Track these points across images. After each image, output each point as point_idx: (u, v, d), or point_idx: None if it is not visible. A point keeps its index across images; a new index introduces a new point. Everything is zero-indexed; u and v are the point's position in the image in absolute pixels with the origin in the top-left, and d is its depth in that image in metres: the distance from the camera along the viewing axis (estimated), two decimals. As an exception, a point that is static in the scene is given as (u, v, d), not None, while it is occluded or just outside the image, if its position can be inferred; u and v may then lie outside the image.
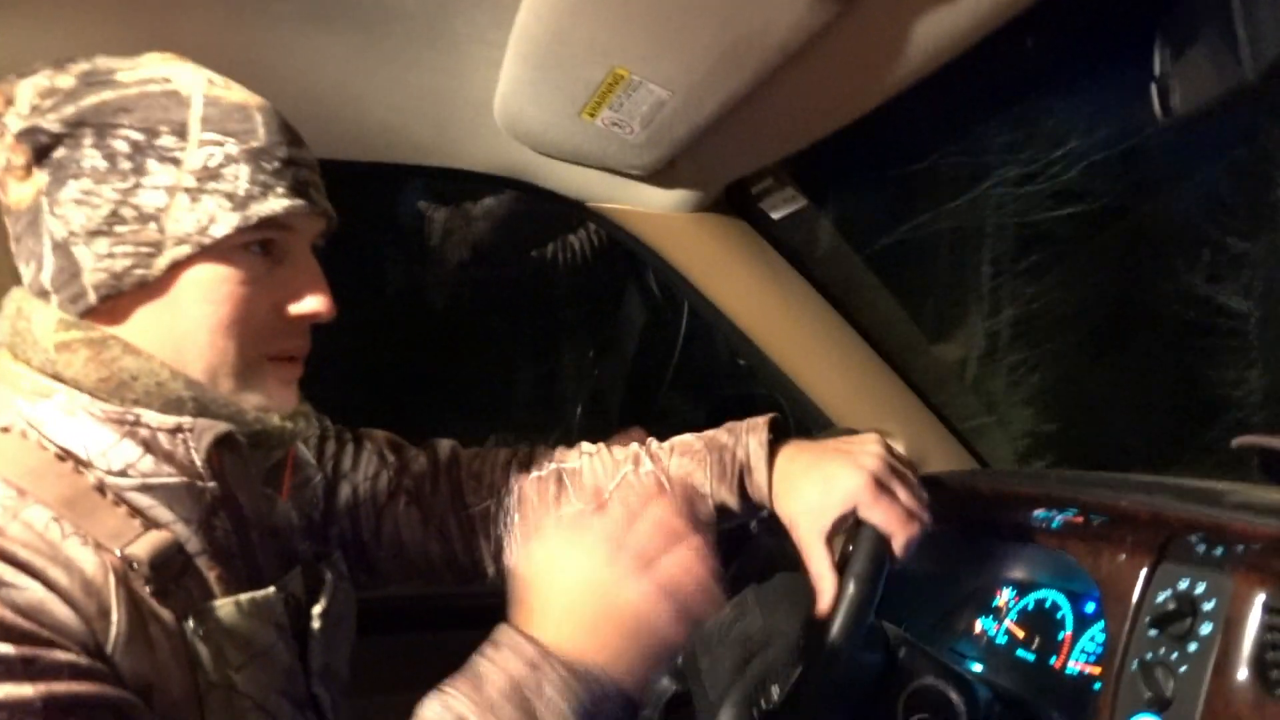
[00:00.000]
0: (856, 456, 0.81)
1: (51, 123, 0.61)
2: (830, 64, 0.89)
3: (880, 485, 0.79)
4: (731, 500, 0.87)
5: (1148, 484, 0.87)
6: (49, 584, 0.57)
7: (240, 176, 0.63)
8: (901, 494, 0.80)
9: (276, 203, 0.64)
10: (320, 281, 0.70)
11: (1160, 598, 0.71)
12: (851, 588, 0.77)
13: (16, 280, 0.68)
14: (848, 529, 0.81)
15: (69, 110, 0.62)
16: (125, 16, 0.90)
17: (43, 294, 0.65)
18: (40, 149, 0.62)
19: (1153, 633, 0.70)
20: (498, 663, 0.57)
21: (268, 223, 0.64)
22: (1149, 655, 0.70)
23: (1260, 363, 5.67)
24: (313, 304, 0.69)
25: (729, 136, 1.04)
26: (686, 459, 0.88)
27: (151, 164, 0.62)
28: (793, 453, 0.85)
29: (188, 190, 0.62)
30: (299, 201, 0.66)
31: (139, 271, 0.63)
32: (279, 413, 0.69)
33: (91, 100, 0.62)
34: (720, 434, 0.89)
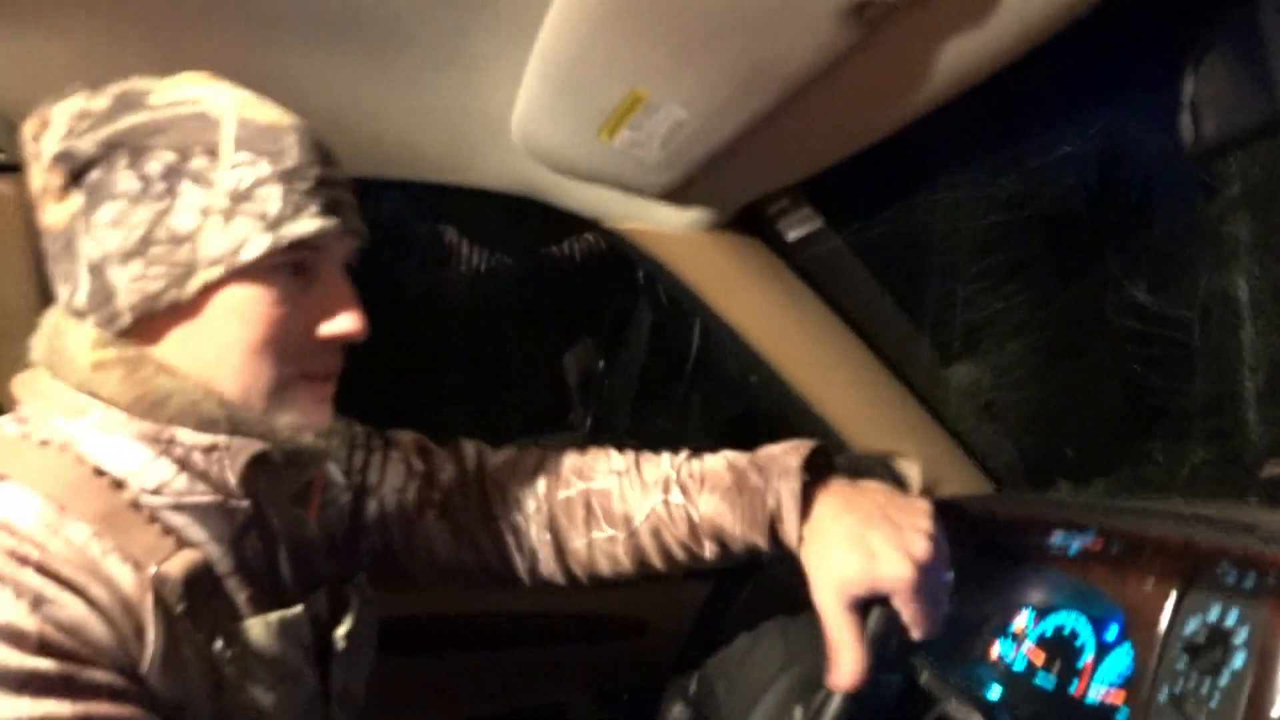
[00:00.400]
0: (907, 538, 0.74)
1: (86, 145, 0.62)
2: (850, 88, 0.89)
3: (922, 577, 0.73)
4: (761, 542, 0.83)
5: (1171, 511, 0.86)
6: (90, 601, 0.57)
7: (272, 197, 0.63)
8: (938, 580, 0.75)
9: (308, 224, 0.64)
10: (352, 301, 0.69)
11: (1190, 627, 0.70)
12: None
13: (40, 301, 0.68)
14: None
15: (103, 133, 0.62)
16: (144, 35, 0.89)
17: (78, 314, 0.65)
18: (76, 171, 0.62)
19: (1183, 663, 0.70)
20: None
21: (300, 244, 0.64)
22: (1178, 687, 0.69)
23: (1200, 372, 5.67)
24: (345, 324, 0.69)
25: (747, 158, 1.04)
26: (716, 498, 0.84)
27: (184, 186, 0.62)
28: (835, 508, 0.78)
29: (220, 212, 0.62)
30: (331, 222, 0.66)
31: (172, 293, 0.63)
32: (313, 431, 0.69)
33: (125, 123, 0.62)
34: (751, 472, 0.83)
